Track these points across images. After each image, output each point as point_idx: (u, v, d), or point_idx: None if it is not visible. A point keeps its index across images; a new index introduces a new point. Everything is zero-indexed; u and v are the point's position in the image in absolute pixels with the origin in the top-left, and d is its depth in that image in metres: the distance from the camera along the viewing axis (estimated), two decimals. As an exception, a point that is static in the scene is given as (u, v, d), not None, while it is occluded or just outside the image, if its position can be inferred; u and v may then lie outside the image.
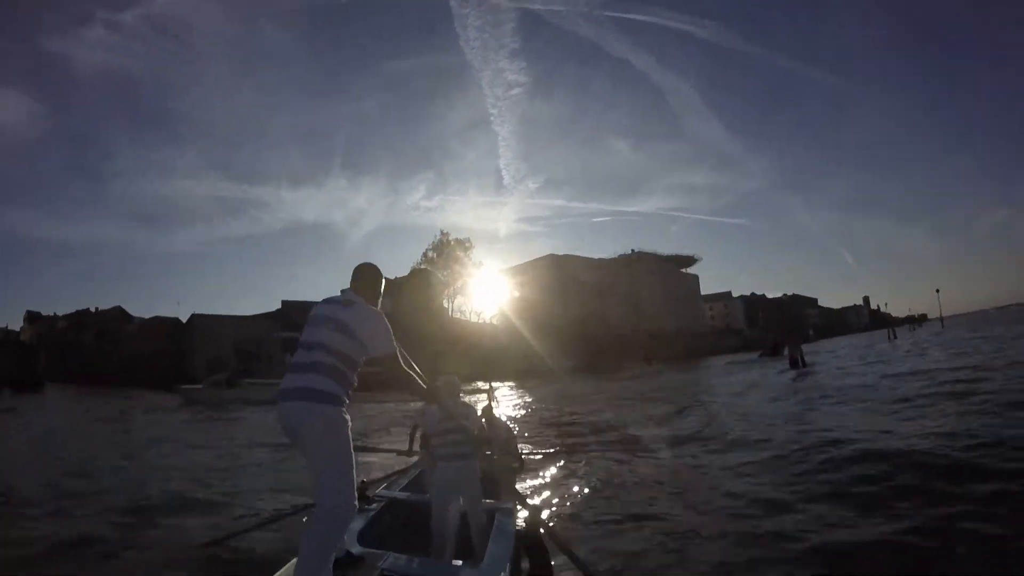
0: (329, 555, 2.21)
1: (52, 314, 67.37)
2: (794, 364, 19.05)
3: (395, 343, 2.45)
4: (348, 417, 2.33)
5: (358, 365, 2.40)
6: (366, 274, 2.66)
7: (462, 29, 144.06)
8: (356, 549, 2.73)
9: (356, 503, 2.28)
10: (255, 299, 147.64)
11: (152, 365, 47.10)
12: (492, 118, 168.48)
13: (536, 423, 13.17)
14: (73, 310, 65.95)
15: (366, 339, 2.38)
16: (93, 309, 65.84)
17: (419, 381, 2.61)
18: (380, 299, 2.66)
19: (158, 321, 56.33)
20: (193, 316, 45.49)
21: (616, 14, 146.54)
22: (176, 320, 51.52)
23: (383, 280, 2.70)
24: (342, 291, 2.62)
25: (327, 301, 2.53)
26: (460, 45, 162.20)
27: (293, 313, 46.76)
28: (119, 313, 63.61)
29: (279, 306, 49.67)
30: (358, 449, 2.36)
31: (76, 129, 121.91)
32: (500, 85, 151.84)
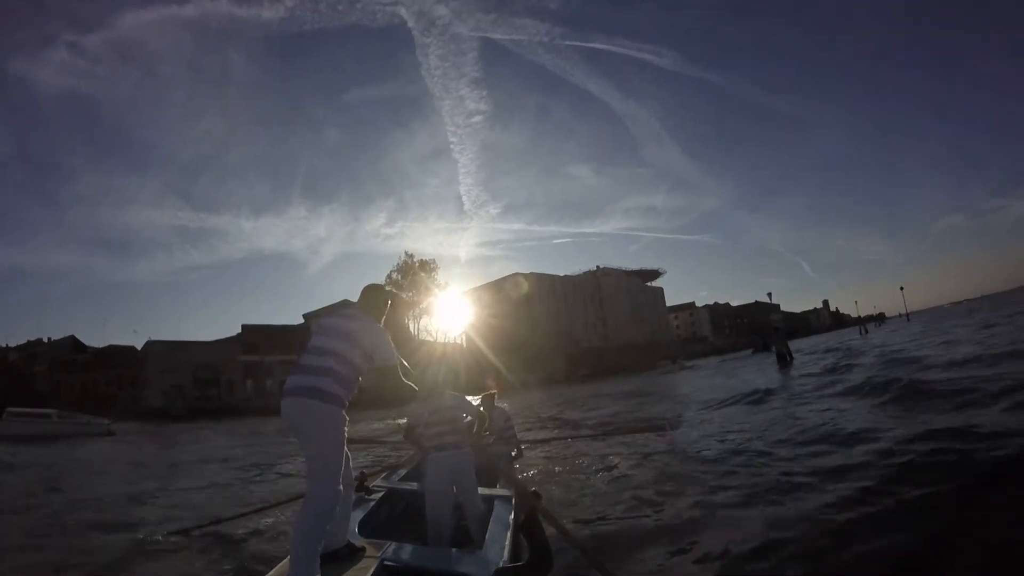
0: (318, 540, 2.33)
1: (4, 345, 64.74)
2: (781, 360, 20.31)
3: (398, 357, 2.70)
4: (347, 417, 2.55)
5: (361, 373, 2.62)
6: (371, 294, 2.92)
7: (424, 58, 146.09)
8: (356, 539, 2.78)
9: (339, 495, 2.44)
10: (216, 328, 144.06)
11: (107, 395, 45.66)
12: (452, 146, 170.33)
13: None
14: (25, 340, 63.68)
15: (372, 350, 2.62)
16: (46, 339, 63.47)
17: (414, 388, 2.87)
18: (384, 317, 2.89)
19: (113, 350, 54.63)
20: (148, 343, 44.09)
21: (577, 43, 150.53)
22: (132, 348, 50.05)
23: (388, 301, 2.96)
24: (350, 306, 2.93)
25: (336, 315, 2.78)
26: (422, 74, 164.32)
27: (253, 337, 45.95)
28: (72, 343, 61.39)
29: (239, 331, 48.57)
30: (357, 442, 2.48)
31: (36, 154, 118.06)
32: (461, 113, 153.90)
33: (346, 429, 2.54)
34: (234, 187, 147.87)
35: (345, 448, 2.55)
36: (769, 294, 46.69)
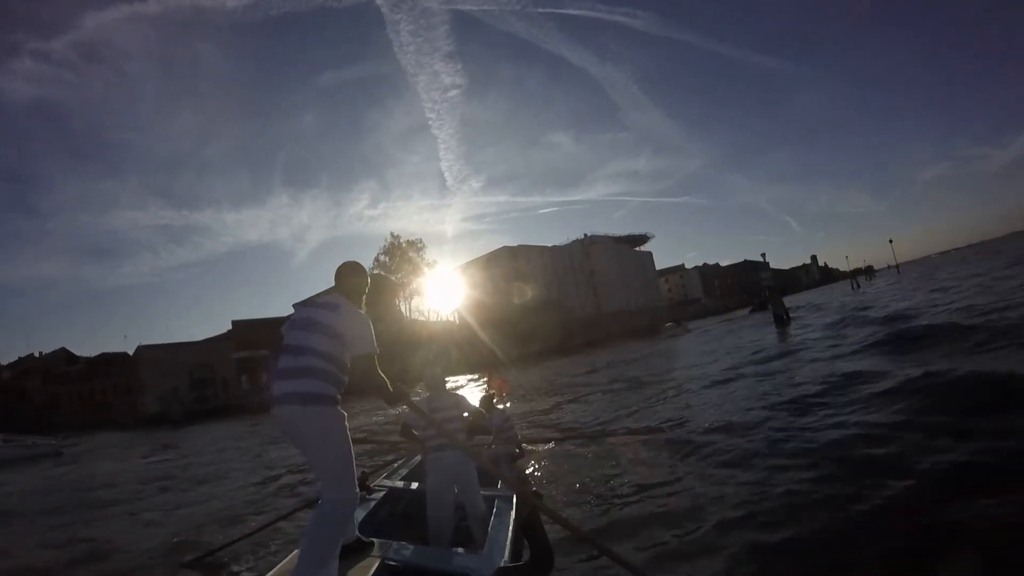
0: (336, 545, 2.29)
1: (-2, 364, 64.22)
2: (778, 320, 20.44)
3: (375, 346, 2.50)
4: (344, 412, 2.40)
5: (347, 364, 2.46)
6: (349, 275, 2.69)
7: (395, 35, 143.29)
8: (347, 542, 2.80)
9: (358, 494, 2.39)
10: (207, 325, 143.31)
11: (104, 404, 45.58)
12: (431, 122, 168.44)
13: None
14: (16, 357, 63.13)
15: (350, 340, 2.43)
16: (37, 354, 63.03)
17: (386, 385, 2.62)
18: (364, 299, 2.68)
19: (105, 358, 54.31)
20: (139, 348, 43.78)
21: (549, 10, 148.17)
22: (124, 355, 49.75)
23: (367, 278, 2.76)
24: (326, 292, 2.70)
25: (309, 304, 2.60)
26: (394, 51, 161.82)
27: (244, 332, 45.67)
28: (64, 355, 60.99)
29: (230, 327, 48.30)
30: (357, 441, 2.52)
31: (11, 166, 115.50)
32: (437, 88, 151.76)
33: (347, 424, 2.41)
34: (214, 181, 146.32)
35: (351, 446, 2.42)
36: (763, 254, 46.87)
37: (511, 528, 3.11)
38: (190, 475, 10.80)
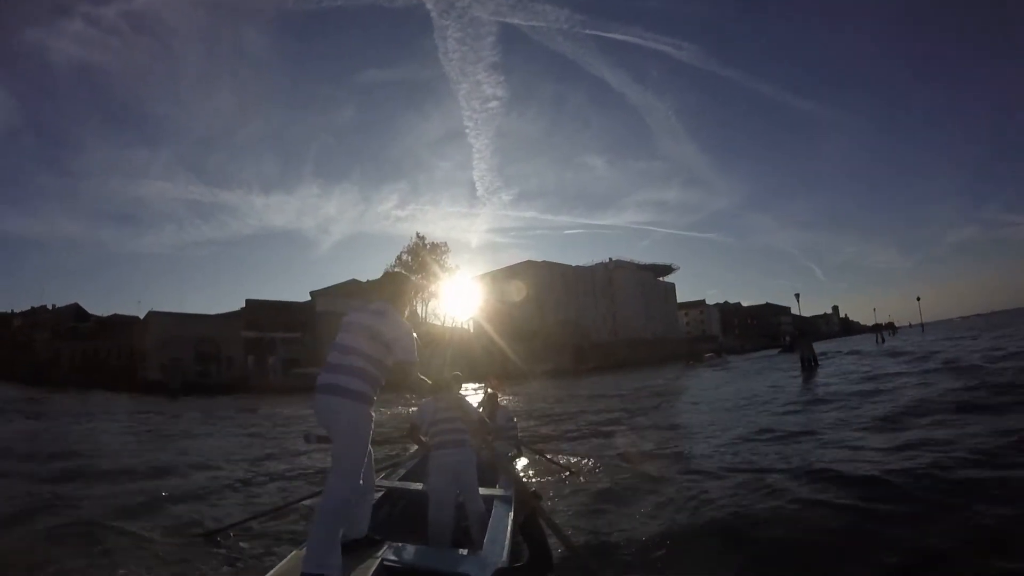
0: (337, 535, 2.37)
1: (9, 311, 64.26)
2: (804, 364, 19.82)
3: (416, 356, 2.69)
4: (373, 415, 2.58)
5: (387, 368, 2.64)
6: (395, 283, 2.91)
7: (441, 41, 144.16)
8: (356, 538, 2.78)
9: (359, 488, 2.51)
10: (223, 303, 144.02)
11: (106, 365, 44.87)
12: (467, 130, 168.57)
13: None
14: (29, 307, 63.12)
15: (394, 345, 2.61)
16: (50, 306, 62.98)
17: (427, 382, 2.96)
18: (407, 309, 2.91)
19: (115, 319, 53.84)
20: (149, 313, 43.08)
21: (595, 32, 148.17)
22: (135, 319, 49.09)
23: (412, 289, 2.91)
24: (370, 294, 2.93)
25: (361, 310, 2.75)
26: (439, 57, 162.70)
27: (258, 312, 44.81)
28: (76, 311, 60.77)
29: (243, 305, 47.44)
30: None
31: (48, 123, 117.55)
32: (477, 98, 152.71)
33: (372, 426, 2.57)
34: (246, 163, 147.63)
35: (369, 446, 2.58)
36: (797, 295, 45.94)
37: (510, 529, 3.13)
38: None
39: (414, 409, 4.19)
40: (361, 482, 2.52)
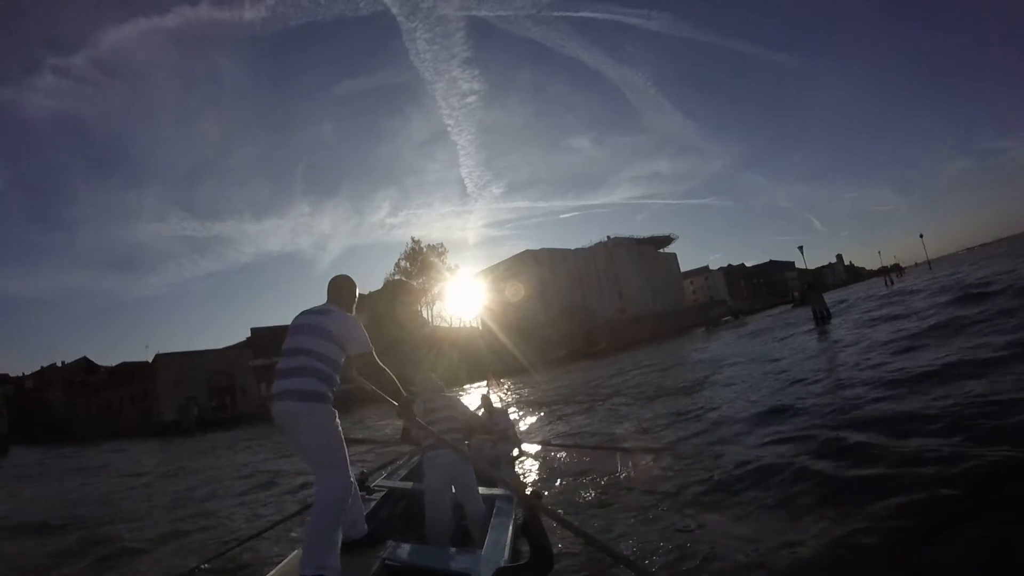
0: (333, 538, 2.35)
1: (20, 374, 64.63)
2: (816, 317, 19.38)
3: (370, 345, 2.65)
4: (335, 411, 2.53)
5: (339, 366, 2.61)
6: (339, 286, 2.88)
7: (411, 43, 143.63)
8: (357, 537, 2.78)
9: (352, 485, 2.51)
10: (229, 334, 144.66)
11: (122, 414, 44.82)
12: (450, 129, 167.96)
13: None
14: (39, 367, 63.36)
15: (344, 340, 2.59)
16: (59, 363, 63.13)
17: (395, 381, 2.78)
18: (354, 305, 2.89)
19: (125, 367, 53.87)
20: (157, 356, 43.01)
21: (564, 13, 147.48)
22: (144, 364, 49.05)
23: (356, 289, 2.91)
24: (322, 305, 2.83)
25: (306, 312, 2.73)
26: (411, 59, 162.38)
27: (263, 339, 44.73)
28: (85, 364, 60.96)
29: (249, 335, 47.41)
30: (356, 442, 2.72)
31: (34, 179, 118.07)
32: (455, 95, 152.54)
33: (338, 423, 2.53)
34: (235, 192, 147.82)
35: (343, 442, 2.53)
36: (800, 247, 45.47)
37: (510, 528, 3.11)
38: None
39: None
40: (351, 477, 2.51)
